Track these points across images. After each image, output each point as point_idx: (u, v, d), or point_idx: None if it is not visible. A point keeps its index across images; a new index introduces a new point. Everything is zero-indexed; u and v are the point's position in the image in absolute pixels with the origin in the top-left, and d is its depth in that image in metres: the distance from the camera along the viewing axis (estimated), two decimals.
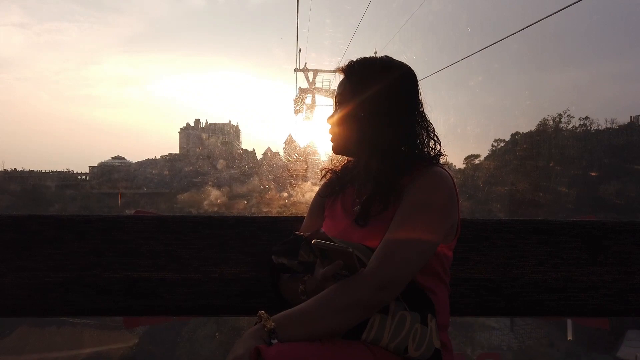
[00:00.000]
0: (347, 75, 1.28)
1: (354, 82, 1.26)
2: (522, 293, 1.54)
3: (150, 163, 48.34)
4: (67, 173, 48.36)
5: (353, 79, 1.27)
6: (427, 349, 1.10)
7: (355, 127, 1.26)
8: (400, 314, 1.10)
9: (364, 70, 1.26)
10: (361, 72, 1.26)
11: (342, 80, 1.29)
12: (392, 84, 1.24)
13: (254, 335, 1.01)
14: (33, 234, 1.50)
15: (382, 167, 1.23)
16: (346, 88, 1.27)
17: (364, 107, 1.24)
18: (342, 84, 1.29)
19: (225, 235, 1.53)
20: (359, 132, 1.25)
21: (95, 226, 1.51)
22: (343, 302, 1.06)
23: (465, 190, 26.53)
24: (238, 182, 31.33)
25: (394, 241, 1.12)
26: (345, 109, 1.27)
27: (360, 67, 1.27)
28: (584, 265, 1.55)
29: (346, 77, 1.29)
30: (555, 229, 1.56)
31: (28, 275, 1.48)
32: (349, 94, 1.26)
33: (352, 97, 1.25)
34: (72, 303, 1.49)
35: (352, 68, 1.27)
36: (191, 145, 52.65)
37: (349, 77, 1.28)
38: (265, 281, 1.41)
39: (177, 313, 1.56)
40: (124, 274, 1.50)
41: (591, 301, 1.55)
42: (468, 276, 1.53)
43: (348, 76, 1.28)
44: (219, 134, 54.47)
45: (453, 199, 1.20)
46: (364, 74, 1.26)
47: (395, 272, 1.09)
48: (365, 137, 1.25)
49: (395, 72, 1.26)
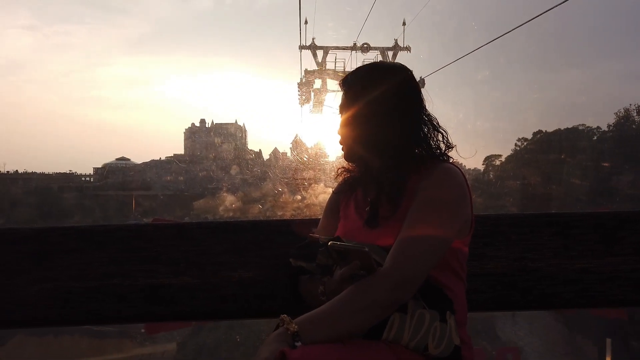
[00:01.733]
0: (346, 88, 1.32)
1: (355, 91, 1.30)
2: (537, 286, 1.54)
3: (154, 164, 47.79)
4: (71, 175, 47.52)
5: (353, 89, 1.30)
6: (447, 346, 1.11)
7: (360, 130, 1.29)
8: (419, 313, 1.12)
9: (363, 77, 1.30)
10: (360, 80, 1.30)
11: (343, 93, 1.33)
12: (392, 85, 1.27)
13: (277, 338, 1.03)
14: (54, 245, 1.53)
15: (387, 168, 1.25)
16: (348, 98, 1.31)
17: (367, 110, 1.27)
18: (344, 95, 1.33)
19: (242, 240, 1.55)
20: (365, 135, 1.28)
21: (114, 235, 1.55)
22: (361, 303, 1.08)
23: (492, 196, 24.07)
24: (252, 186, 31.45)
25: (408, 239, 1.14)
26: (349, 114, 1.30)
27: (357, 77, 1.31)
28: (599, 257, 1.55)
29: (346, 90, 1.32)
30: (569, 221, 1.56)
31: (50, 286, 1.51)
32: (351, 102, 1.30)
33: (354, 103, 1.29)
34: (94, 311, 1.53)
35: (348, 80, 1.32)
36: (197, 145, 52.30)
37: (348, 89, 1.32)
38: (283, 284, 1.43)
39: (197, 318, 1.59)
40: (144, 281, 1.53)
41: (608, 292, 1.55)
42: (483, 271, 1.54)
43: (347, 89, 1.32)
44: (226, 135, 54.01)
45: (465, 195, 1.21)
46: (364, 81, 1.29)
47: (410, 270, 1.10)
48: (370, 139, 1.27)
49: (394, 73, 1.30)
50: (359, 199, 1.34)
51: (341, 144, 1.35)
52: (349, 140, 1.32)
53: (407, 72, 1.32)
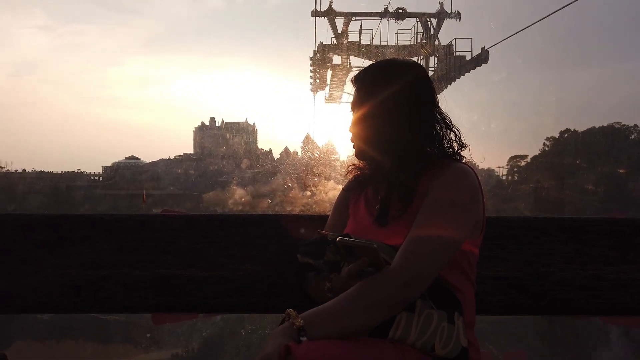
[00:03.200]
0: (358, 86, 1.31)
1: (366, 89, 1.29)
2: (549, 291, 1.52)
3: (164, 163, 47.59)
4: (79, 173, 46.58)
5: (364, 87, 1.30)
6: (454, 347, 1.10)
7: (370, 129, 1.28)
8: (427, 313, 1.10)
9: (375, 75, 1.29)
10: (371, 78, 1.29)
11: (355, 90, 1.33)
12: (403, 84, 1.26)
13: (283, 333, 1.03)
14: (65, 233, 1.55)
15: (398, 167, 1.24)
16: (359, 96, 1.30)
17: (378, 109, 1.26)
18: (355, 92, 1.32)
19: (251, 234, 1.55)
20: (375, 134, 1.28)
21: (124, 225, 1.56)
22: (369, 300, 1.07)
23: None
24: (262, 181, 31.48)
25: (418, 238, 1.13)
26: (361, 112, 1.29)
27: (368, 74, 1.30)
28: (613, 263, 1.52)
29: (358, 88, 1.32)
30: (583, 226, 1.54)
31: (61, 273, 1.52)
32: (362, 100, 1.29)
33: (365, 102, 1.28)
34: (102, 300, 1.54)
35: (360, 77, 1.31)
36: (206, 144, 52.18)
37: (360, 87, 1.31)
38: (290, 279, 1.43)
39: (204, 310, 1.59)
40: (152, 272, 1.53)
41: (621, 300, 1.52)
42: (494, 274, 1.52)
43: (359, 87, 1.31)
44: (236, 133, 54.06)
45: (476, 196, 1.20)
46: (375, 79, 1.28)
47: (419, 269, 1.09)
48: (381, 139, 1.27)
49: (406, 72, 1.29)
50: (369, 197, 1.33)
51: (352, 141, 1.34)
52: (360, 139, 1.32)
53: (419, 70, 1.31)
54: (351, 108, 1.34)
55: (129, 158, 50.27)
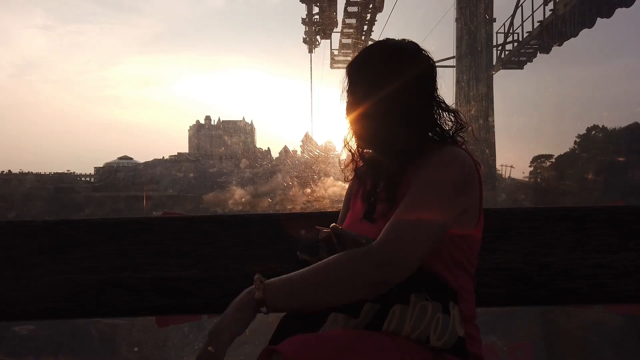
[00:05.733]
0: (350, 74, 1.25)
1: (358, 77, 1.23)
2: (551, 281, 1.52)
3: (158, 163, 45.72)
4: (68, 175, 43.48)
5: (356, 75, 1.24)
6: (449, 338, 1.07)
7: (371, 127, 1.22)
8: (422, 305, 1.07)
9: (368, 63, 1.23)
10: (364, 65, 1.23)
11: (347, 79, 1.25)
12: (410, 75, 1.19)
13: (240, 307, 1.03)
14: (66, 238, 1.55)
15: (388, 160, 1.21)
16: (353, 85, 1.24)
17: (381, 105, 1.19)
18: (348, 81, 1.25)
19: (251, 233, 1.55)
20: (377, 132, 1.21)
21: (125, 228, 1.56)
22: (345, 272, 1.04)
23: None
24: (261, 181, 31.41)
25: (401, 220, 1.08)
26: (362, 109, 1.22)
27: (361, 61, 1.24)
28: (615, 252, 1.52)
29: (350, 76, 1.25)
30: (583, 215, 1.54)
31: (62, 278, 1.53)
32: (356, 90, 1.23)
33: (358, 92, 1.22)
34: (105, 304, 1.54)
35: (353, 66, 1.24)
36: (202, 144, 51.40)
37: (352, 76, 1.24)
38: None
39: (206, 311, 1.59)
40: (154, 274, 1.53)
41: (624, 287, 1.52)
42: (495, 266, 1.52)
43: (351, 75, 1.24)
44: (233, 132, 53.41)
45: (467, 178, 1.15)
46: (368, 67, 1.22)
47: (400, 250, 1.05)
48: (382, 136, 1.21)
49: (399, 57, 1.21)
50: (366, 191, 1.32)
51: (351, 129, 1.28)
52: (360, 138, 1.27)
53: (421, 54, 1.23)
54: (346, 96, 1.26)
55: (122, 158, 48.42)
